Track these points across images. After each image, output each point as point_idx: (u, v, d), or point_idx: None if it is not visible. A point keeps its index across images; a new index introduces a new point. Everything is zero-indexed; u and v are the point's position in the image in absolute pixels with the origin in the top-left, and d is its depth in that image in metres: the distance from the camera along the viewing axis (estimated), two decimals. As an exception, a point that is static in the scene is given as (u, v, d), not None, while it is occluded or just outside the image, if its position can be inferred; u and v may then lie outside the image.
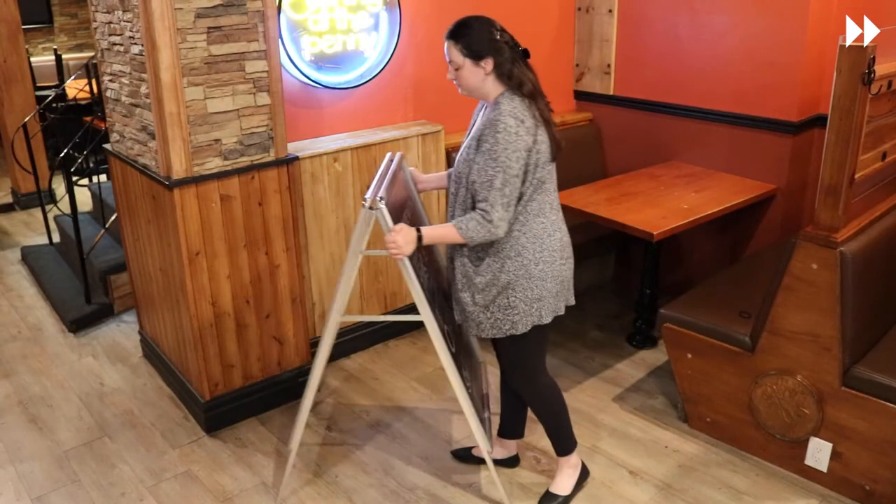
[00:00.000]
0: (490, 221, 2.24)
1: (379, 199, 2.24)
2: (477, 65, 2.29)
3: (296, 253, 3.19)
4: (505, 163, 2.21)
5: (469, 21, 2.32)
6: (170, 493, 2.80)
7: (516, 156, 2.22)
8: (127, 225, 3.49)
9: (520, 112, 2.25)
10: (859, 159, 2.46)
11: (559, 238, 2.40)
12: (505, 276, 2.34)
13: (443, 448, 3.01)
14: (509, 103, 2.26)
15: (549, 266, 2.37)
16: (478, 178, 2.25)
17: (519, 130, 2.22)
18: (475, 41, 2.29)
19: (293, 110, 3.30)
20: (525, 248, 2.34)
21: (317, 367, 2.53)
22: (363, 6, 3.41)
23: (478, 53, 2.28)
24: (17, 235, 5.60)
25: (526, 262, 2.34)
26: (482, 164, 2.24)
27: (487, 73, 2.29)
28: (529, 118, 2.27)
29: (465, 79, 2.33)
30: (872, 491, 2.62)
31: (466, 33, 2.30)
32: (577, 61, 4.38)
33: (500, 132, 2.21)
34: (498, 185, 2.22)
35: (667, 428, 3.11)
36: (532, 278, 2.35)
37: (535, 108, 2.30)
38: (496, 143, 2.21)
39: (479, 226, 2.25)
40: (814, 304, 2.58)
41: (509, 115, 2.23)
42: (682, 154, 4.02)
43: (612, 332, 3.91)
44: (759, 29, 3.55)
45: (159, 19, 2.61)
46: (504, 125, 2.22)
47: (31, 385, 3.56)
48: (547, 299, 2.40)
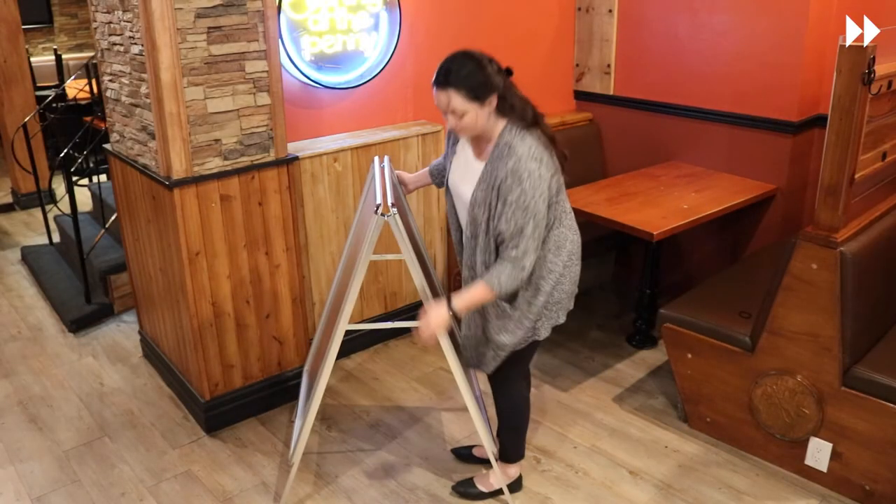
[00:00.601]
0: (523, 269, 2.21)
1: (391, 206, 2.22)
2: (482, 106, 2.17)
3: (296, 253, 3.19)
4: (534, 208, 2.16)
5: (455, 63, 2.17)
6: (170, 493, 2.80)
7: (543, 198, 2.18)
8: (127, 225, 3.49)
9: (536, 151, 2.18)
10: (859, 159, 2.46)
11: (574, 240, 2.40)
12: (542, 297, 2.35)
13: (443, 448, 3.01)
14: (522, 144, 2.17)
15: (568, 269, 2.39)
16: (507, 227, 2.19)
17: (542, 172, 2.17)
18: (475, 82, 2.15)
19: (293, 110, 3.30)
20: (554, 264, 2.33)
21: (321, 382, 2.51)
22: (363, 6, 3.41)
23: (483, 94, 2.16)
24: (17, 235, 5.60)
25: (557, 275, 2.35)
26: (511, 215, 2.17)
27: (493, 108, 2.20)
28: (545, 153, 2.20)
29: (474, 122, 2.20)
30: (872, 491, 2.62)
31: (463, 77, 2.14)
32: (577, 61, 4.38)
33: (524, 181, 2.14)
34: (529, 232, 2.18)
35: (667, 428, 3.11)
36: (558, 285, 2.38)
37: (538, 132, 2.23)
38: (523, 193, 2.14)
39: (512, 276, 2.21)
40: (814, 304, 2.58)
41: (530, 160, 2.15)
42: (682, 154, 4.02)
43: (612, 332, 3.91)
44: (759, 29, 3.55)
45: (159, 19, 2.61)
46: (528, 173, 2.14)
47: (31, 385, 3.56)
48: (564, 301, 2.43)
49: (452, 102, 2.17)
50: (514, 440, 2.67)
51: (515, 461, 2.72)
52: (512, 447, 2.68)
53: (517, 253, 2.19)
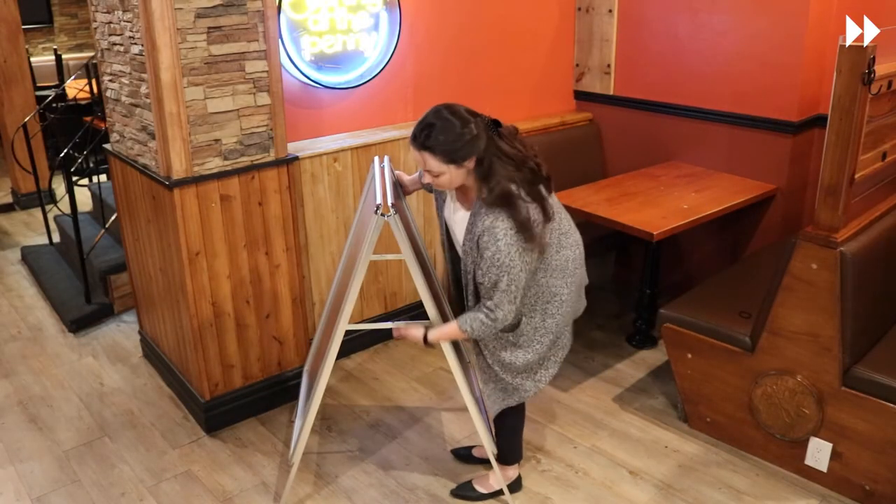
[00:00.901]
0: (494, 320, 2.23)
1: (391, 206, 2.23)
2: (461, 167, 2.16)
3: (296, 253, 3.19)
4: (508, 265, 2.16)
5: (435, 123, 2.13)
6: (170, 493, 2.80)
7: (519, 254, 2.16)
8: (127, 225, 3.49)
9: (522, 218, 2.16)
10: (859, 159, 2.46)
11: (573, 258, 2.38)
12: (551, 320, 2.37)
13: (443, 448, 3.01)
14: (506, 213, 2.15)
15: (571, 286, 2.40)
16: (482, 280, 2.21)
17: (526, 238, 2.16)
18: (453, 147, 2.12)
19: (293, 110, 3.30)
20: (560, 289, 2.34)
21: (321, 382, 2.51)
22: (363, 6, 3.41)
23: (459, 158, 2.14)
24: (17, 235, 5.60)
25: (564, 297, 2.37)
26: (486, 269, 2.18)
27: (471, 169, 2.17)
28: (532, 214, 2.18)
29: (449, 182, 2.20)
30: (872, 491, 2.62)
31: (443, 140, 2.12)
32: (577, 61, 4.38)
33: (499, 239, 2.14)
34: (503, 287, 2.19)
35: (667, 428, 3.11)
36: (563, 304, 2.38)
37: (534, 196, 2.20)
38: (497, 252, 2.14)
39: (484, 325, 2.25)
40: (814, 304, 2.58)
41: (513, 230, 2.15)
42: (682, 154, 4.02)
43: (612, 332, 3.91)
44: (759, 29, 3.54)
45: (159, 19, 2.61)
46: (504, 231, 2.14)
47: (31, 385, 3.56)
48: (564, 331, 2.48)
49: (428, 164, 2.17)
50: (511, 443, 2.67)
51: (514, 463, 2.72)
52: (510, 450, 2.68)
53: (490, 304, 2.22)
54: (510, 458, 2.70)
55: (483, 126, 2.16)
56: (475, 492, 2.73)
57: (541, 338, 2.38)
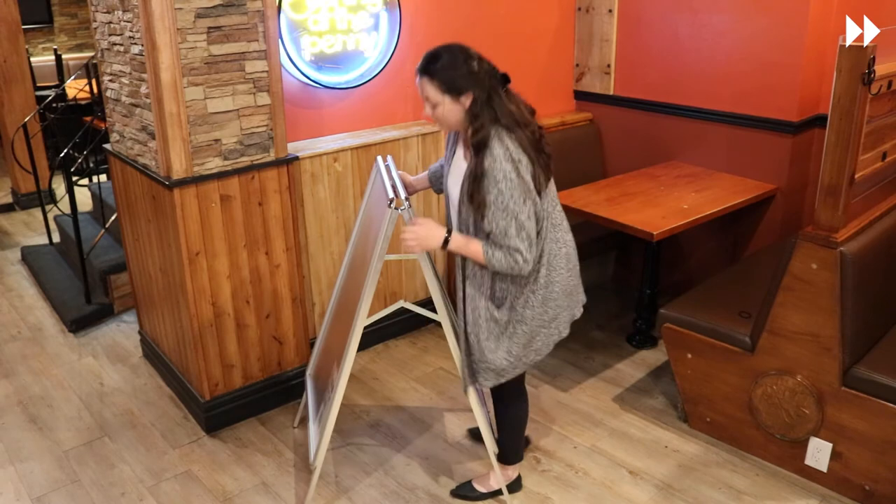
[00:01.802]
0: (517, 262, 2.19)
1: (405, 200, 2.23)
2: (457, 101, 2.16)
3: (296, 253, 3.19)
4: (514, 209, 2.14)
5: (442, 53, 2.16)
6: (170, 493, 2.80)
7: (522, 199, 2.15)
8: (127, 225, 3.49)
9: (514, 152, 2.15)
10: (859, 159, 2.46)
11: (565, 253, 2.37)
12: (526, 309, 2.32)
13: (443, 448, 3.01)
14: (500, 146, 2.15)
15: (559, 285, 2.36)
16: (494, 229, 2.18)
17: (521, 171, 2.15)
18: (453, 75, 2.13)
19: (293, 110, 3.30)
20: (539, 275, 2.30)
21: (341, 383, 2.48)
22: (363, 6, 3.41)
23: (457, 89, 2.14)
24: (17, 235, 5.60)
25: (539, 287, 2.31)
26: (492, 216, 2.16)
27: (467, 108, 2.16)
28: (523, 154, 2.17)
29: (445, 116, 2.20)
30: (872, 491, 2.62)
31: (442, 67, 2.14)
32: (577, 61, 4.38)
33: (500, 182, 2.12)
34: (513, 233, 2.16)
35: (667, 428, 3.11)
36: (547, 301, 2.34)
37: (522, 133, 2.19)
38: (500, 195, 2.13)
39: (504, 261, 2.19)
40: (814, 304, 2.58)
41: (505, 161, 2.13)
42: (682, 154, 4.02)
43: (612, 332, 3.91)
44: (759, 29, 3.55)
45: (159, 19, 2.61)
46: (503, 173, 2.12)
47: (31, 385, 3.56)
48: (561, 313, 2.42)
49: (426, 90, 2.18)
50: (512, 441, 2.67)
51: (514, 463, 2.72)
52: (510, 450, 2.68)
53: (509, 247, 2.18)
54: (511, 456, 2.70)
55: (488, 70, 2.16)
56: (475, 492, 2.73)
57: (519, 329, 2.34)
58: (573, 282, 2.44)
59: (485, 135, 2.15)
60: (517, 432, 2.66)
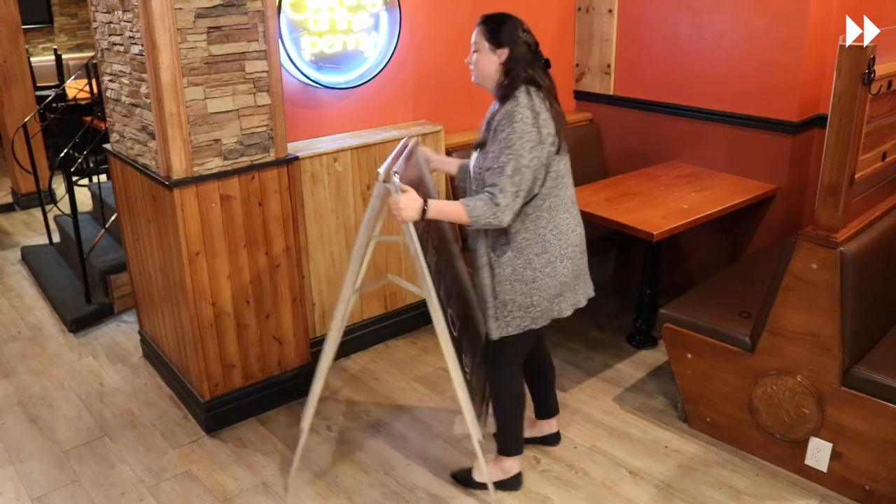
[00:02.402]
0: (497, 205, 2.26)
1: (394, 173, 2.27)
2: (493, 51, 2.34)
3: (296, 253, 3.19)
4: (518, 151, 2.25)
5: (501, 13, 2.38)
6: (170, 493, 2.80)
7: (530, 146, 2.25)
8: (127, 225, 3.49)
9: (538, 105, 2.29)
10: (859, 159, 2.46)
11: (580, 233, 2.49)
12: (530, 272, 2.38)
13: (443, 448, 3.01)
14: (526, 96, 2.30)
15: (572, 261, 2.45)
16: (491, 164, 2.29)
17: (538, 121, 2.27)
18: (497, 28, 2.34)
19: (293, 110, 3.30)
20: (551, 245, 2.39)
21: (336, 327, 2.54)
22: (363, 6, 3.41)
23: (497, 40, 2.33)
24: (17, 235, 5.60)
25: (552, 258, 2.40)
26: (496, 152, 2.28)
27: (501, 62, 2.33)
28: (545, 111, 2.31)
29: (480, 64, 2.37)
30: (872, 491, 2.62)
31: (494, 20, 2.35)
32: (577, 61, 4.38)
33: (516, 122, 2.25)
34: (509, 172, 2.25)
35: (667, 428, 3.11)
36: (556, 275, 2.41)
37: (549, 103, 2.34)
38: (512, 133, 2.25)
39: (486, 207, 2.27)
40: (814, 304, 2.58)
41: (526, 108, 2.27)
42: (682, 154, 4.02)
43: (612, 332, 3.91)
44: (759, 29, 3.55)
45: (159, 19, 2.61)
46: (521, 115, 2.26)
47: (31, 385, 3.56)
48: (566, 294, 2.47)
49: (475, 36, 2.38)
50: (507, 431, 2.67)
51: (510, 455, 2.71)
52: (505, 440, 2.68)
53: (494, 190, 2.27)
54: (506, 448, 2.69)
55: (530, 44, 2.35)
56: (473, 482, 2.74)
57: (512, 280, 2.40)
58: (584, 267, 2.54)
59: (514, 86, 2.31)
60: (511, 420, 2.65)
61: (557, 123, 2.34)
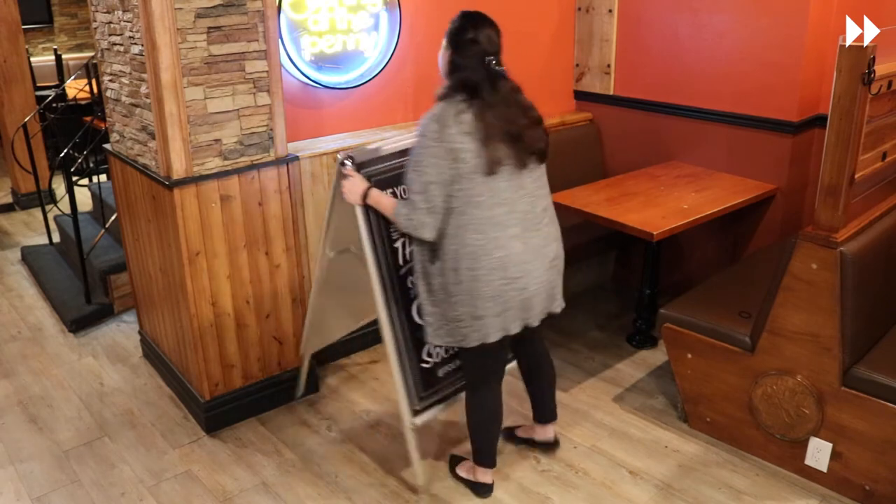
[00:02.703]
0: (411, 219, 2.26)
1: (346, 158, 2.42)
2: (446, 49, 2.33)
3: (296, 253, 3.19)
4: (423, 167, 2.21)
5: (475, 14, 2.33)
6: (170, 493, 2.80)
7: (433, 161, 2.19)
8: (127, 225, 3.49)
9: (446, 117, 2.19)
10: (859, 159, 2.46)
11: (500, 257, 2.28)
12: (453, 286, 2.32)
13: (443, 448, 3.01)
14: (443, 106, 2.24)
15: (487, 286, 2.29)
16: (405, 178, 2.30)
17: (442, 136, 2.17)
18: (456, 28, 2.31)
19: (293, 110, 3.30)
20: (460, 263, 2.29)
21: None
22: (363, 6, 3.41)
23: (449, 39, 2.31)
24: (17, 235, 5.60)
25: (462, 277, 2.29)
26: (408, 164, 2.28)
27: (446, 61, 2.32)
28: (454, 125, 2.18)
29: (439, 58, 2.37)
30: (872, 491, 2.62)
31: (460, 18, 2.32)
32: (577, 61, 4.38)
33: (420, 134, 2.23)
34: (417, 189, 2.23)
35: (667, 428, 3.11)
36: (472, 296, 2.30)
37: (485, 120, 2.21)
38: (417, 145, 2.24)
39: (407, 215, 2.27)
40: (814, 304, 2.58)
41: (432, 119, 2.22)
42: (682, 154, 4.02)
43: (612, 332, 3.91)
44: (759, 29, 3.54)
45: (159, 19, 2.61)
46: (425, 127, 2.22)
47: (31, 385, 3.56)
48: (489, 318, 2.33)
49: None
50: (475, 443, 2.65)
51: (481, 466, 2.68)
52: (475, 450, 2.66)
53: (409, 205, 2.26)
54: (477, 458, 2.67)
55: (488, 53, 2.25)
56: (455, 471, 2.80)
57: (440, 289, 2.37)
58: (512, 295, 2.32)
59: (446, 92, 2.27)
60: (478, 434, 2.62)
61: (488, 142, 2.18)
